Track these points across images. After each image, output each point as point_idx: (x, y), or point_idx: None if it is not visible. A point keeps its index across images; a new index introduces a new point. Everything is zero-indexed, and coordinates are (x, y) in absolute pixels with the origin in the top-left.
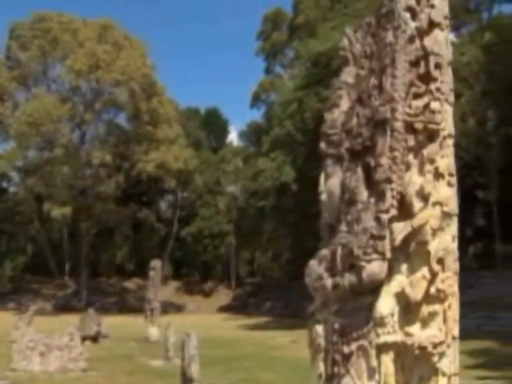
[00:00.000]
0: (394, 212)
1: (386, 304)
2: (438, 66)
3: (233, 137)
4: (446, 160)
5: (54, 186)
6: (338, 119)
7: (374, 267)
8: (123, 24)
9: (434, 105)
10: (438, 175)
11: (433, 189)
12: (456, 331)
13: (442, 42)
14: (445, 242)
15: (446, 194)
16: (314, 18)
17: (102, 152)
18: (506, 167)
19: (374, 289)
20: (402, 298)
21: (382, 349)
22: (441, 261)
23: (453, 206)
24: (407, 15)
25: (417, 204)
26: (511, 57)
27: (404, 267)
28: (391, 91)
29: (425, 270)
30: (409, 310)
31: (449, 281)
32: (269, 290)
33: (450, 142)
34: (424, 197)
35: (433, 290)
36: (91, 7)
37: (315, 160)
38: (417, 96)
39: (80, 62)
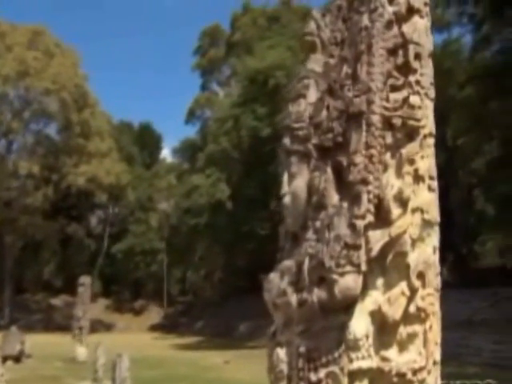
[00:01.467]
0: (370, 218)
1: (360, 324)
2: (417, 57)
3: (166, 153)
4: (427, 161)
5: None
6: (305, 112)
7: (348, 281)
8: (55, 32)
9: (414, 99)
10: (417, 178)
11: (412, 193)
12: (437, 355)
13: (421, 30)
14: (425, 253)
15: (427, 199)
16: (251, 36)
17: (30, 163)
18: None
19: (346, 306)
20: (377, 317)
21: (355, 376)
22: (421, 275)
23: (434, 213)
24: None
25: (395, 210)
26: (443, 86)
27: (380, 282)
28: (367, 81)
29: (403, 286)
30: (384, 331)
31: (430, 298)
32: (200, 308)
33: (431, 141)
34: (402, 202)
35: (412, 308)
36: (21, 14)
37: (250, 178)
38: (394, 89)
39: (8, 67)
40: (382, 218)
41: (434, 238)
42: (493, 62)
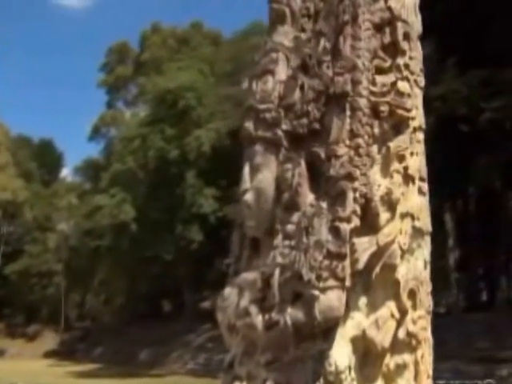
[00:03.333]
0: (356, 221)
1: (342, 353)
2: (406, 37)
3: (67, 172)
4: (417, 159)
5: None
6: (274, 91)
7: (331, 299)
8: None
9: (403, 85)
10: (407, 178)
11: (401, 195)
12: None
13: (410, 7)
14: (416, 268)
15: (417, 203)
16: (161, 56)
17: None
18: None
19: (325, 331)
20: (360, 344)
21: None
22: (412, 294)
23: (425, 220)
24: None
25: (382, 214)
26: None
27: (362, 301)
28: (352, 57)
29: (392, 306)
30: (368, 361)
31: (421, 322)
32: (99, 334)
33: (421, 136)
34: (391, 205)
35: (401, 333)
36: None
37: (156, 200)
38: (381, 71)
39: None
40: (369, 222)
41: (424, 250)
42: None
